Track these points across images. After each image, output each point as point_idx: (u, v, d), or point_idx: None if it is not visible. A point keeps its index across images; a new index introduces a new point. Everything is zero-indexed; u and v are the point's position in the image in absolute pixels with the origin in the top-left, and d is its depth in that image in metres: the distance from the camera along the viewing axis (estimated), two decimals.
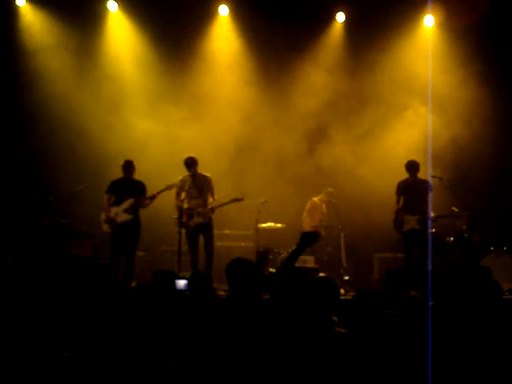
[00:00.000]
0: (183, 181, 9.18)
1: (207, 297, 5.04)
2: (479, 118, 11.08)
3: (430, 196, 9.06)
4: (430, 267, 8.44)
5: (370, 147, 11.38)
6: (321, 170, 11.37)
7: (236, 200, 9.30)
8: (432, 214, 8.98)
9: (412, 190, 9.14)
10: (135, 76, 11.74)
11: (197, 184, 9.15)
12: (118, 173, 9.31)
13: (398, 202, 9.33)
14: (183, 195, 9.00)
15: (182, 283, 5.68)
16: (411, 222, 9.03)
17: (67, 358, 3.49)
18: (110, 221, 8.90)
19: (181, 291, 5.38)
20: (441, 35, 11.56)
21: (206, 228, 9.13)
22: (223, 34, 11.85)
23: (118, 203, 8.98)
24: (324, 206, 10.85)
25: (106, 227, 9.01)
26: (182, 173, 9.31)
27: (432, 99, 10.34)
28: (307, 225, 10.66)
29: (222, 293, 8.99)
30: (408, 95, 11.19)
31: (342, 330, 3.70)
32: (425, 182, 9.18)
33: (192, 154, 9.24)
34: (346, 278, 10.05)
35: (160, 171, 10.18)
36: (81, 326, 3.98)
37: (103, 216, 9.05)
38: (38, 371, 3.53)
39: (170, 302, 4.40)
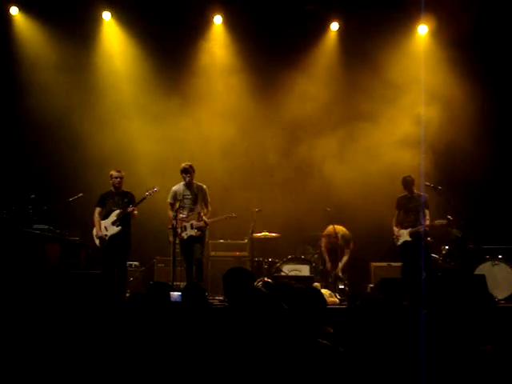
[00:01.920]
0: (177, 190, 9.07)
1: (202, 308, 5.00)
2: (471, 120, 11.14)
3: (425, 209, 9.38)
4: (423, 276, 8.53)
5: (364, 154, 11.36)
6: (314, 178, 11.36)
7: (229, 217, 9.24)
8: (419, 226, 9.29)
9: (407, 204, 9.53)
10: (129, 84, 11.76)
11: (191, 194, 9.03)
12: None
13: (397, 217, 9.67)
14: (177, 205, 8.93)
15: (176, 295, 5.63)
16: (404, 235, 9.42)
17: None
18: (101, 236, 8.91)
19: (175, 303, 5.34)
20: (434, 43, 11.66)
21: (198, 241, 9.04)
22: (217, 42, 11.89)
23: (106, 216, 9.01)
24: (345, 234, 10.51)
25: (98, 242, 9.00)
26: (176, 179, 9.23)
27: (424, 103, 10.63)
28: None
29: (216, 302, 8.98)
30: (401, 100, 11.23)
31: (324, 341, 3.67)
32: (420, 196, 9.47)
33: (189, 162, 9.07)
34: (342, 286, 10.01)
35: (154, 178, 10.22)
36: (74, 335, 3.95)
37: (95, 231, 9.05)
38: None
39: (164, 314, 4.37)
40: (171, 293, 5.25)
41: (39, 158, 11.25)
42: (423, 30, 11.77)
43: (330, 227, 10.28)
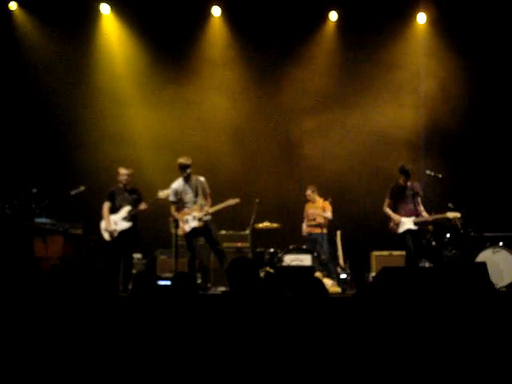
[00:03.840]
0: (177, 187, 9.04)
1: (190, 297, 4.99)
2: (469, 112, 11.27)
3: (419, 199, 9.27)
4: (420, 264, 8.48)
5: (363, 142, 11.48)
6: (316, 168, 11.42)
7: (231, 203, 9.21)
8: (427, 215, 9.17)
9: (403, 193, 9.24)
10: (128, 74, 11.90)
11: (191, 187, 9.02)
12: (114, 177, 9.38)
13: (388, 204, 9.36)
14: (178, 199, 8.96)
15: (164, 284, 5.56)
16: (406, 223, 9.11)
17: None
18: (111, 230, 9.00)
19: (163, 292, 5.32)
20: (433, 32, 11.73)
21: (205, 231, 9.02)
22: (215, 33, 11.99)
23: (116, 211, 9.09)
24: (324, 205, 10.64)
25: (106, 235, 9.09)
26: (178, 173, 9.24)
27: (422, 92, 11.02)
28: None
29: (219, 293, 9.02)
30: (400, 88, 11.35)
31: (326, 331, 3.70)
32: (415, 184, 9.31)
33: (186, 157, 9.03)
34: (344, 276, 10.03)
35: (157, 171, 10.51)
36: (74, 327, 3.99)
37: (104, 225, 9.12)
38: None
39: (152, 303, 4.40)
40: (159, 282, 5.23)
41: (40, 152, 11.35)
42: (422, 19, 11.80)
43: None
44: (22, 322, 4.20)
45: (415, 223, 9.10)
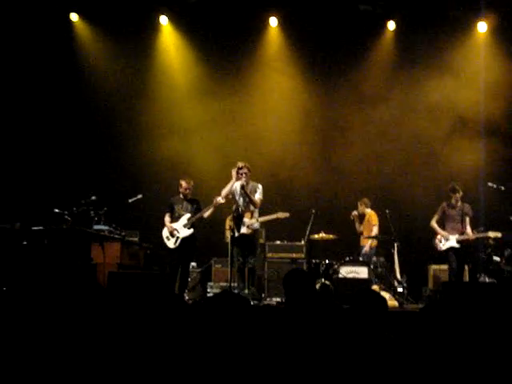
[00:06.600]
0: (235, 189, 9.00)
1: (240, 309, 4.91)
2: None
3: (468, 219, 9.64)
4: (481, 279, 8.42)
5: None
6: (370, 174, 11.59)
7: (280, 216, 9.13)
8: (470, 234, 9.54)
9: (453, 211, 9.73)
10: (188, 85, 12.05)
11: (246, 193, 8.93)
12: (171, 184, 9.49)
13: (436, 221, 9.85)
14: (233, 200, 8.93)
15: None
16: (450, 240, 9.62)
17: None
18: (174, 237, 9.09)
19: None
20: (494, 41, 11.51)
21: (249, 241, 8.90)
22: (272, 43, 12.08)
23: (176, 219, 9.18)
24: (370, 217, 10.62)
25: (170, 243, 9.15)
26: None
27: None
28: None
29: (273, 304, 8.97)
30: (459, 93, 11.12)
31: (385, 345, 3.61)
32: (466, 206, 9.73)
33: (244, 162, 8.94)
34: (400, 289, 9.85)
35: (213, 177, 10.49)
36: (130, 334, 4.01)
37: (166, 233, 9.20)
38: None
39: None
40: None
41: (99, 160, 11.58)
42: (482, 28, 11.57)
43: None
44: (77, 326, 4.24)
45: (458, 241, 9.57)
